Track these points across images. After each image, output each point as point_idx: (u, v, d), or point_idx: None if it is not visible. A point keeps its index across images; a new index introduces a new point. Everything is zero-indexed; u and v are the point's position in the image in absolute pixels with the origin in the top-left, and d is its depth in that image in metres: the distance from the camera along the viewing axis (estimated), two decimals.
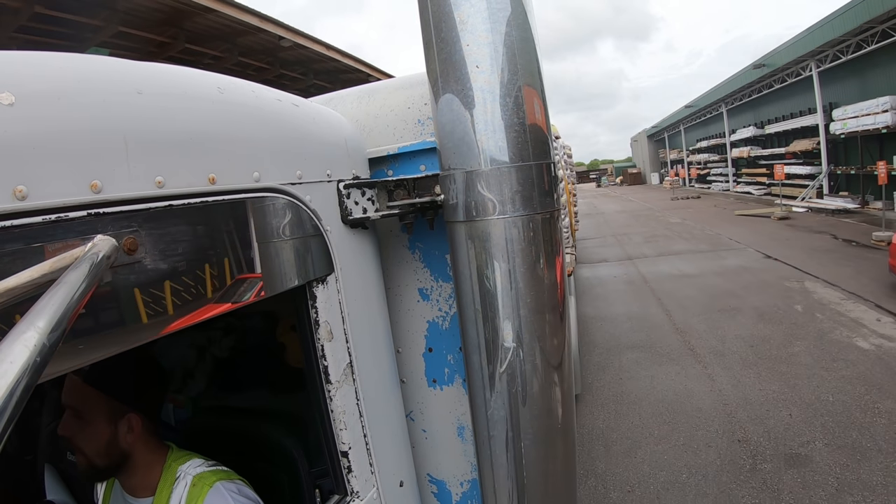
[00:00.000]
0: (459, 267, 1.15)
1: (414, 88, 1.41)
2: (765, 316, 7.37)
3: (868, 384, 4.99)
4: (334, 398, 1.12)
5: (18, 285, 0.57)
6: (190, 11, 6.39)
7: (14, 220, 0.61)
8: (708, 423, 4.62)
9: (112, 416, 1.19)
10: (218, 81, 0.94)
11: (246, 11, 6.83)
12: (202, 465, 1.24)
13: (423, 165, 1.36)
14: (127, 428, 1.20)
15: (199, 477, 1.20)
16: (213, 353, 2.04)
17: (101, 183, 0.69)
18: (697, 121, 35.90)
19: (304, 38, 8.09)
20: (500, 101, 1.05)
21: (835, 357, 5.72)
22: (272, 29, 7.37)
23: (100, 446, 1.17)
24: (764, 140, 25.29)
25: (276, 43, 7.75)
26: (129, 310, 0.73)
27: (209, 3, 6.28)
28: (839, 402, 4.71)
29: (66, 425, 1.17)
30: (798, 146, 20.87)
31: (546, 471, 1.19)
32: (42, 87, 0.66)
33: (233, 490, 1.19)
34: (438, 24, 1.08)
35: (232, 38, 7.49)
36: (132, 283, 0.73)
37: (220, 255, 0.88)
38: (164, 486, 1.21)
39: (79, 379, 1.17)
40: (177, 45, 6.99)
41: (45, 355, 0.51)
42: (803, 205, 18.56)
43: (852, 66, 16.74)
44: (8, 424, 0.47)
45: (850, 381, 5.11)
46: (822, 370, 5.43)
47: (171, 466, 1.24)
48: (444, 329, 1.46)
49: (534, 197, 1.08)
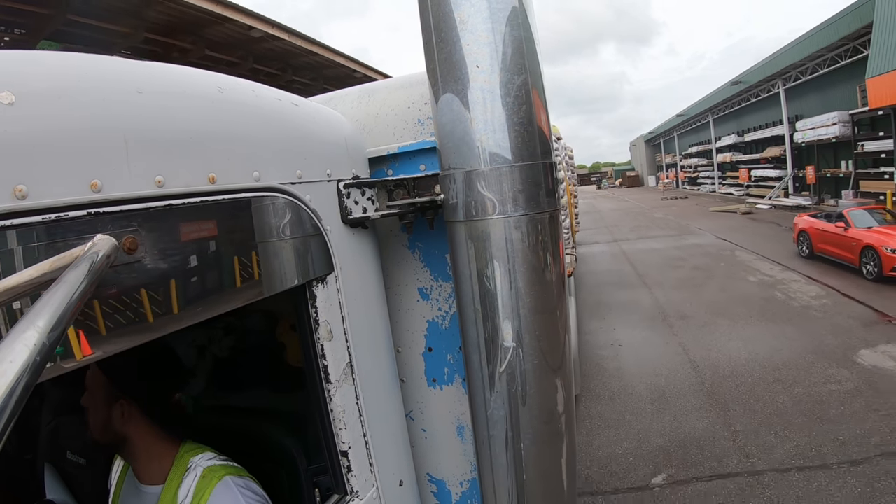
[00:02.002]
0: (459, 266, 1.15)
1: (414, 88, 1.41)
2: (697, 268, 11.89)
3: (744, 296, 9.24)
4: (334, 397, 1.12)
5: (18, 284, 0.57)
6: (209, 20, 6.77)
7: (14, 219, 0.61)
8: (647, 309, 9.20)
9: (108, 398, 1.24)
10: (218, 81, 0.94)
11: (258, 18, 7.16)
12: (214, 459, 1.26)
13: (423, 165, 1.36)
14: (120, 412, 1.24)
15: (210, 469, 1.22)
16: (213, 353, 2.04)
17: (101, 182, 0.69)
18: (689, 128, 39.89)
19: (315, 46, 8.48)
20: (501, 100, 1.05)
21: (729, 285, 10.13)
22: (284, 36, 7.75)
23: (97, 423, 1.25)
24: (744, 146, 28.71)
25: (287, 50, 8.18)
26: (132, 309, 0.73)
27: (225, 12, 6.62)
28: (722, 300, 9.17)
29: (84, 397, 1.27)
30: (770, 152, 24.70)
31: (545, 470, 1.19)
32: (42, 86, 0.66)
33: (241, 485, 1.20)
34: (439, 24, 1.08)
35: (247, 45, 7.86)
36: (132, 283, 0.73)
37: (219, 255, 0.88)
38: (174, 475, 1.23)
39: None
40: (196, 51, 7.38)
41: (44, 354, 0.51)
42: (768, 202, 21.68)
43: (816, 84, 20.05)
44: (8, 423, 0.47)
45: (733, 294, 9.48)
46: (718, 290, 9.91)
47: (184, 457, 1.26)
48: (443, 329, 1.46)
49: (534, 197, 1.08)
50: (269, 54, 8.38)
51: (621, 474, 4.35)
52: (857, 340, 6.66)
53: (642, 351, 7.13)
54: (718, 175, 33.27)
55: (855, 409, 4.98)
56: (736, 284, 10.05)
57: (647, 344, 7.38)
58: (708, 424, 4.99)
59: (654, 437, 4.87)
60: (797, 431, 4.69)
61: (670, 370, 6.35)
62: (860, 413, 4.88)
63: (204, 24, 6.92)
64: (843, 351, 6.37)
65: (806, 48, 19.01)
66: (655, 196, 37.34)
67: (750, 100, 26.79)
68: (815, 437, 4.55)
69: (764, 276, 10.54)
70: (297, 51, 8.29)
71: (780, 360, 6.28)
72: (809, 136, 19.70)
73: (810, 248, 11.37)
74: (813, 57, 19.05)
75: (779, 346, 6.72)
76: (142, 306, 0.75)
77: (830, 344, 6.64)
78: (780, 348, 6.63)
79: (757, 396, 5.42)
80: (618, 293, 10.26)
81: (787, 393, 5.42)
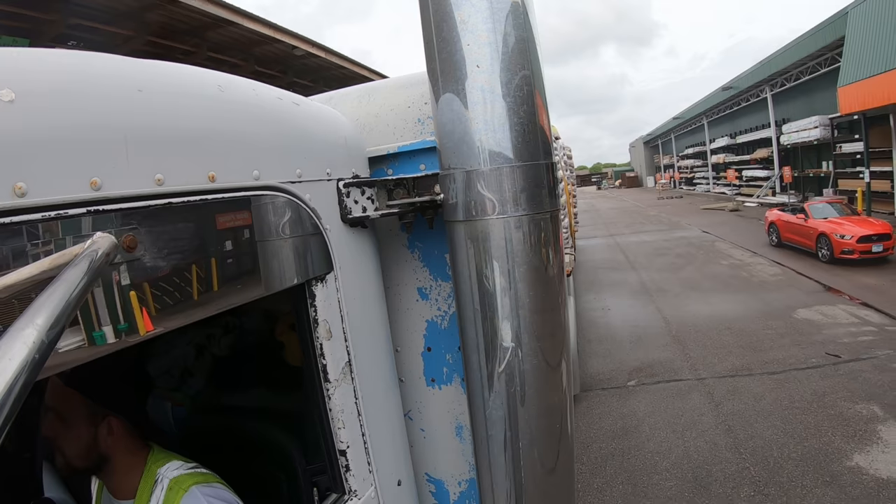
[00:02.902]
0: (458, 266, 1.15)
1: (414, 88, 1.41)
2: (680, 256, 13.74)
3: (714, 275, 11.16)
4: (333, 397, 1.12)
5: (18, 282, 0.57)
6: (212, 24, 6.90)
7: (14, 216, 0.61)
8: (633, 285, 10.98)
9: (92, 418, 1.19)
10: (218, 79, 0.94)
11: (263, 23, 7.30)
12: (180, 468, 1.23)
13: (423, 165, 1.36)
14: (107, 431, 1.20)
15: (175, 481, 1.19)
16: (212, 352, 2.04)
17: (101, 180, 0.69)
18: (685, 130, 41.32)
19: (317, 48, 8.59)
20: (501, 100, 1.05)
21: (704, 268, 12.01)
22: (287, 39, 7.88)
23: (80, 449, 1.18)
24: (736, 148, 30.10)
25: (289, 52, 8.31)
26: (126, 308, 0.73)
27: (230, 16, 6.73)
28: (695, 278, 11.04)
29: (48, 426, 1.19)
30: (759, 154, 26.39)
31: (544, 471, 1.19)
32: (43, 84, 0.66)
33: (209, 494, 1.18)
34: (439, 24, 1.08)
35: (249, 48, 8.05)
36: (132, 281, 0.73)
37: (219, 253, 0.88)
38: (143, 489, 1.21)
39: (60, 381, 1.17)
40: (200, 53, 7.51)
41: (43, 352, 0.51)
42: (755, 200, 23.16)
43: (801, 88, 21.42)
44: (6, 421, 0.47)
45: (706, 274, 11.39)
46: (694, 271, 11.76)
47: (151, 469, 1.23)
48: (442, 328, 1.46)
49: (533, 197, 1.08)
50: (269, 56, 8.49)
51: (606, 382, 6.28)
52: (798, 303, 8.43)
53: (626, 312, 9.02)
54: (713, 175, 34.64)
55: (782, 344, 6.78)
56: (709, 267, 12.05)
57: (630, 308, 9.29)
58: (670, 354, 6.89)
59: (630, 362, 6.78)
60: (735, 357, 6.54)
61: (646, 323, 8.22)
62: (785, 347, 6.67)
63: (206, 28, 7.03)
64: (784, 310, 8.14)
65: (790, 56, 20.58)
66: (653, 196, 39.28)
67: (741, 104, 28.11)
68: (748, 360, 6.39)
69: (735, 260, 12.49)
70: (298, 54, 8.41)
71: (732, 316, 8.10)
72: (794, 139, 21.30)
73: (778, 238, 13.17)
74: (797, 64, 20.58)
75: (734, 308, 8.54)
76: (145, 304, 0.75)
77: (775, 306, 8.43)
78: (735, 309, 8.45)
79: (710, 338, 7.31)
80: (610, 274, 12.26)
81: (732, 336, 7.28)
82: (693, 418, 5.10)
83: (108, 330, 0.71)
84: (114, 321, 0.71)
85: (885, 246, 10.20)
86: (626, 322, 8.38)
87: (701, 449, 4.54)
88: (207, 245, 0.86)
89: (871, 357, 6.02)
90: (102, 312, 0.70)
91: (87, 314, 0.68)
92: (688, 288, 10.18)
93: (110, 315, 0.71)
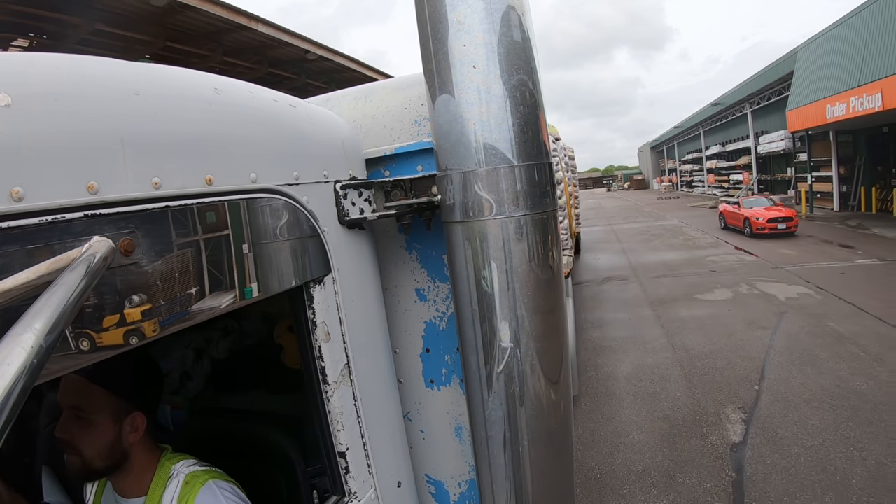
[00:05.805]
0: (456, 267, 1.15)
1: (411, 89, 1.41)
2: (654, 235, 18.76)
3: (670, 245, 16.39)
4: (332, 399, 1.12)
5: (15, 287, 0.57)
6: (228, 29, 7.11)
7: (10, 221, 0.61)
8: (616, 250, 16.43)
9: (118, 415, 1.18)
10: (215, 82, 0.94)
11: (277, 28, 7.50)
12: (196, 465, 1.24)
13: (420, 166, 1.36)
14: (131, 427, 1.19)
15: (192, 475, 1.20)
16: (211, 355, 2.04)
17: (98, 184, 0.69)
18: (686, 137, 47.19)
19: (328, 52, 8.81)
20: (497, 101, 1.06)
21: (666, 241, 17.14)
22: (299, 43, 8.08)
23: (102, 447, 1.15)
24: (727, 155, 35.00)
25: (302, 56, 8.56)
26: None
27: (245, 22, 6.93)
28: (657, 246, 16.52)
29: (65, 427, 1.14)
30: (742, 160, 31.39)
31: (543, 471, 1.19)
32: (39, 88, 0.66)
33: (225, 489, 1.19)
34: (435, 25, 1.08)
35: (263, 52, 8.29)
36: (130, 284, 0.73)
37: (217, 256, 0.88)
38: (157, 484, 1.21)
39: (83, 378, 1.15)
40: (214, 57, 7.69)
41: (42, 357, 0.51)
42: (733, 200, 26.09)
43: (777, 105, 25.09)
44: (5, 426, 0.47)
45: (665, 244, 16.70)
46: (658, 243, 16.89)
47: (165, 465, 1.24)
48: (441, 329, 1.46)
49: (531, 197, 1.09)
50: (283, 59, 8.75)
51: (591, 281, 11.73)
52: (711, 255, 13.75)
53: (608, 261, 14.35)
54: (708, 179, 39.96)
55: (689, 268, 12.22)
56: (670, 240, 17.24)
57: (611, 259, 14.59)
58: (626, 273, 12.34)
59: (604, 274, 12.42)
60: (660, 273, 12.05)
61: (617, 265, 13.47)
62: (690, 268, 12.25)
63: (222, 32, 7.21)
64: (701, 257, 13.55)
65: (762, 80, 25.68)
66: (654, 196, 45.03)
67: (728, 118, 33.44)
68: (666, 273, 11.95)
69: (689, 237, 17.77)
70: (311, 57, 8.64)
71: (671, 262, 13.29)
72: (767, 149, 26.39)
73: (724, 223, 18.33)
74: (768, 87, 25.55)
75: (672, 257, 13.98)
76: None
77: (697, 255, 13.93)
78: (672, 257, 13.95)
79: (653, 270, 12.46)
80: (603, 245, 17.58)
81: (664, 267, 12.59)
82: (632, 292, 10.48)
83: None
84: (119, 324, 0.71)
85: (787, 225, 15.16)
86: (607, 263, 14.03)
87: (631, 298, 9.99)
88: (205, 248, 0.86)
89: (731, 270, 11.46)
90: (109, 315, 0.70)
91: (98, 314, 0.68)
92: (650, 250, 15.61)
93: None
